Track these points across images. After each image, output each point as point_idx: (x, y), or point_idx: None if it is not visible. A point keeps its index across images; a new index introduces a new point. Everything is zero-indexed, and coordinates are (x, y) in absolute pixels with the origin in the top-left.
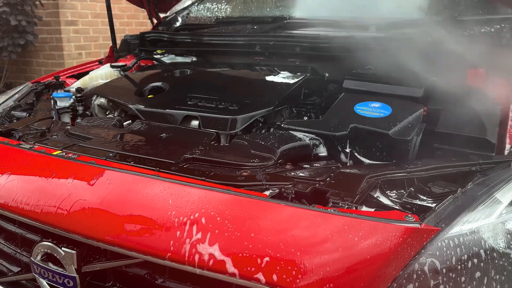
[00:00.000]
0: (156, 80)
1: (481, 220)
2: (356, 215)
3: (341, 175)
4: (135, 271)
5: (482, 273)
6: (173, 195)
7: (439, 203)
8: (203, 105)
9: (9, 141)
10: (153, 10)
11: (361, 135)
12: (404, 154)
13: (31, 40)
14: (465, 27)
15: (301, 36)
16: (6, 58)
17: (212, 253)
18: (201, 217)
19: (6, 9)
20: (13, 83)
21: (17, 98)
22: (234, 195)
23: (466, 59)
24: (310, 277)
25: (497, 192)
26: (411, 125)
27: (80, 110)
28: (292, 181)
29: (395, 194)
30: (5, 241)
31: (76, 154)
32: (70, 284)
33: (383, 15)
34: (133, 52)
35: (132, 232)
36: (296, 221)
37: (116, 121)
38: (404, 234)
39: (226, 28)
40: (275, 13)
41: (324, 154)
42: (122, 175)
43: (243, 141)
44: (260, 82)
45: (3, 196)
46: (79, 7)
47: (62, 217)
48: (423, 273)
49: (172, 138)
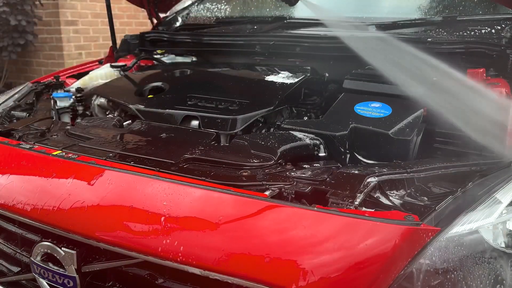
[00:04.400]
0: (156, 80)
1: (481, 220)
2: (356, 215)
3: (341, 175)
4: (135, 271)
5: (482, 273)
6: (173, 195)
7: (439, 203)
8: (203, 105)
9: (9, 141)
10: (153, 10)
11: (361, 135)
12: (404, 154)
13: (31, 40)
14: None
15: (301, 36)
16: (6, 58)
17: (212, 253)
18: (201, 217)
19: (6, 9)
20: (13, 83)
21: (17, 98)
22: (234, 195)
23: None
24: (310, 277)
25: (497, 192)
26: (411, 125)
27: (80, 110)
28: (292, 181)
29: (395, 194)
30: (5, 241)
31: (76, 154)
32: (70, 284)
33: (383, 15)
34: (133, 52)
35: (132, 232)
36: (296, 221)
37: (116, 121)
38: (404, 234)
39: (226, 28)
40: (275, 13)
41: (324, 154)
42: (122, 175)
43: (243, 141)
44: (260, 82)
45: (3, 196)
46: (79, 7)
47: (62, 217)
48: (423, 273)
49: (172, 138)
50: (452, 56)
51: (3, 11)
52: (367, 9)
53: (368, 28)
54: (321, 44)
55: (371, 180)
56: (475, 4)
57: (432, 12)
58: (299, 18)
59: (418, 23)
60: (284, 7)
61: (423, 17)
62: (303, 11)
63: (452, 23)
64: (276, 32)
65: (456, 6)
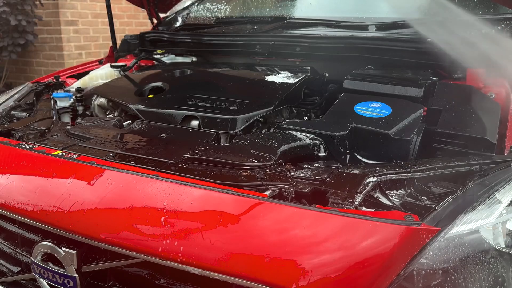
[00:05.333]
0: (156, 80)
1: (481, 220)
2: (356, 215)
3: (341, 175)
4: (135, 271)
5: (482, 273)
6: (173, 195)
7: (439, 203)
8: (203, 105)
9: (9, 141)
10: (153, 10)
11: (361, 135)
12: (404, 154)
13: (31, 40)
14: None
15: (301, 36)
16: (6, 58)
17: (212, 253)
18: (201, 217)
19: (6, 9)
20: (13, 83)
21: (17, 98)
22: (234, 195)
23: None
24: (310, 277)
25: (497, 192)
26: (411, 125)
27: (80, 110)
28: (292, 181)
29: (395, 194)
30: (5, 241)
31: (76, 154)
32: (70, 284)
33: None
34: (133, 52)
35: (132, 232)
36: (296, 221)
37: (116, 121)
38: (404, 234)
39: (226, 28)
40: (275, 13)
41: (324, 154)
42: (122, 175)
43: (243, 141)
44: (260, 82)
45: (3, 196)
46: (79, 7)
47: (62, 217)
48: (423, 273)
49: (172, 138)
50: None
51: (3, 11)
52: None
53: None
54: (321, 44)
55: (371, 180)
56: (475, 4)
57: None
58: (299, 18)
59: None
60: (284, 7)
61: (423, 18)
62: (303, 11)
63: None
64: (276, 32)
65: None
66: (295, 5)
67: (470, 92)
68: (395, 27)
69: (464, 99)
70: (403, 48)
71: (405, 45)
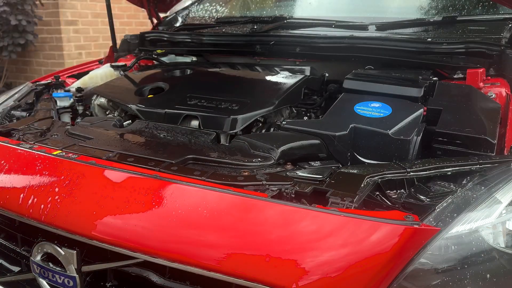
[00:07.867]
0: (156, 80)
1: (481, 220)
2: (356, 215)
3: (341, 175)
4: (135, 271)
5: (482, 273)
6: (173, 195)
7: (439, 203)
8: (203, 105)
9: (9, 141)
10: (153, 10)
11: (361, 135)
12: (404, 154)
13: (31, 40)
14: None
15: (301, 36)
16: (6, 58)
17: (212, 253)
18: (201, 217)
19: (6, 8)
20: (13, 83)
21: (17, 98)
22: (234, 195)
23: None
24: (310, 277)
25: (497, 192)
26: (411, 125)
27: (80, 110)
28: (292, 181)
29: (395, 194)
30: (5, 241)
31: (76, 154)
32: (70, 284)
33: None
34: (133, 52)
35: (132, 232)
36: (296, 221)
37: (116, 121)
38: (404, 234)
39: (226, 28)
40: (275, 13)
41: (324, 154)
42: (122, 175)
43: (243, 141)
44: (260, 82)
45: (3, 196)
46: (79, 7)
47: (62, 217)
48: (423, 273)
49: (172, 138)
50: (452, 56)
51: (4, 11)
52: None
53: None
54: (321, 44)
55: (371, 180)
56: (475, 4)
57: (432, 12)
58: (299, 18)
59: (418, 23)
60: (284, 7)
61: (423, 17)
62: (303, 11)
63: (452, 23)
64: (276, 32)
65: (456, 6)
66: (295, 5)
67: (470, 92)
68: (395, 27)
69: (464, 99)
70: (403, 48)
71: (405, 45)
